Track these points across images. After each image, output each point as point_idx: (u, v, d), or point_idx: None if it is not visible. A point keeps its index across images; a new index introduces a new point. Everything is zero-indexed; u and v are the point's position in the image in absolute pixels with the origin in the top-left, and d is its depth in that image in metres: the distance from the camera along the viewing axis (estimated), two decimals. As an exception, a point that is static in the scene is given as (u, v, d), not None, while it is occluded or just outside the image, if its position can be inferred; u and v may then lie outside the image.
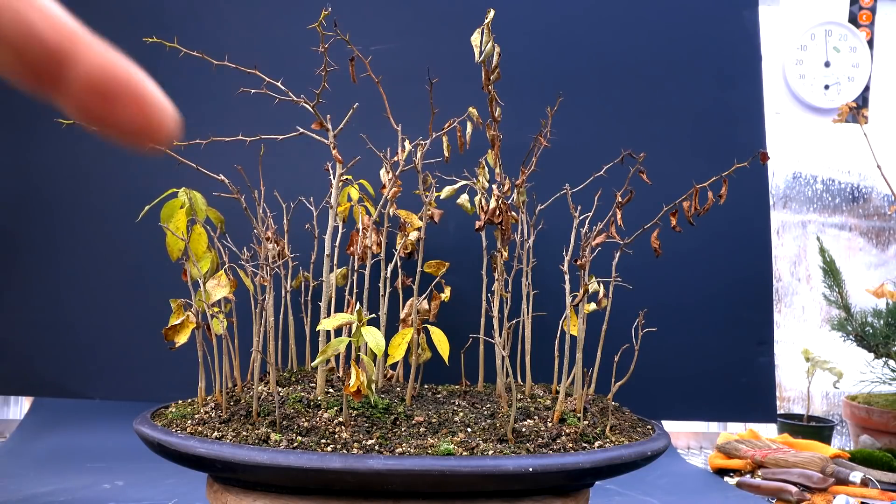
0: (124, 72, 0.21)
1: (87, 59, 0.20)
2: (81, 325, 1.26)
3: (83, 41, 0.20)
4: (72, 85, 0.20)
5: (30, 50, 0.20)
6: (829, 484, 1.15)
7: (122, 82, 0.20)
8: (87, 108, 0.20)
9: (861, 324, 1.38)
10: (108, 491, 1.02)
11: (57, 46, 0.20)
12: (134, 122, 0.21)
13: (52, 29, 0.20)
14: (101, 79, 0.20)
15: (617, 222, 0.85)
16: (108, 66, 0.20)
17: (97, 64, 0.20)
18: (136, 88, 0.21)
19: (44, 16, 0.20)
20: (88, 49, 0.20)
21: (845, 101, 1.60)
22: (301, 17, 1.04)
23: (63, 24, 0.20)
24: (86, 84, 0.20)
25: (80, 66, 0.20)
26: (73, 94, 0.20)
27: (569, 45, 1.36)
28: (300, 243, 1.06)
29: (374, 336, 0.71)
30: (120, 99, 0.20)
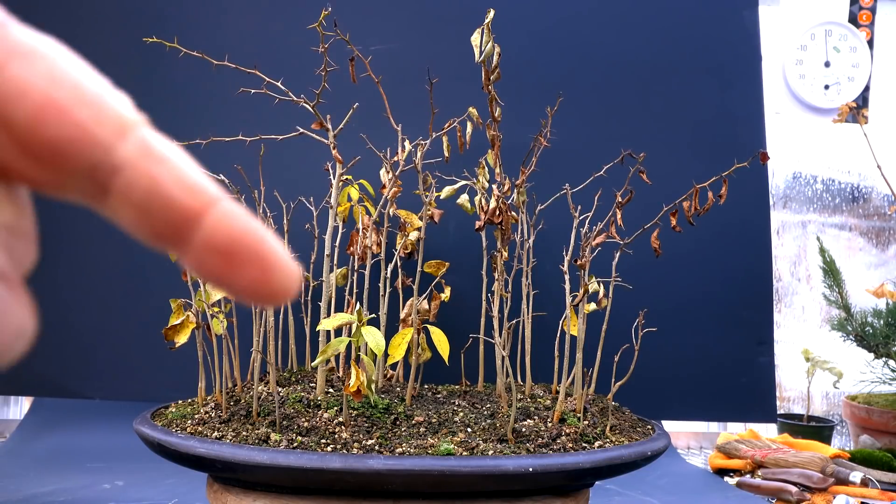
0: (251, 235, 0.19)
1: (215, 221, 0.19)
2: (81, 325, 1.26)
3: (213, 202, 0.19)
4: (196, 245, 0.19)
5: (158, 213, 0.19)
6: (829, 484, 1.15)
7: (247, 246, 0.19)
8: (209, 268, 0.19)
9: (861, 324, 1.38)
10: (108, 491, 1.02)
11: (186, 210, 0.19)
12: (255, 285, 0.19)
13: (183, 191, 0.19)
14: (227, 242, 0.19)
15: (617, 222, 0.85)
16: (236, 228, 0.19)
17: (224, 226, 0.19)
18: (262, 253, 0.19)
19: (177, 177, 0.19)
20: (219, 211, 0.19)
21: (845, 101, 1.60)
22: (301, 17, 1.04)
23: (195, 186, 0.19)
24: (209, 246, 0.19)
25: (206, 228, 0.19)
26: (196, 253, 0.19)
27: (569, 45, 1.36)
28: (300, 243, 1.06)
29: (374, 336, 0.71)
30: (243, 262, 0.19)
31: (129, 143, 0.19)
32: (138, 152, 0.19)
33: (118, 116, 0.19)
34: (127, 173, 0.19)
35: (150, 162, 0.19)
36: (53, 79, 0.18)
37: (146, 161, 0.19)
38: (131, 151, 0.19)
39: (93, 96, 0.19)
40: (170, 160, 0.19)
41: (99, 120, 0.18)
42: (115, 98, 0.19)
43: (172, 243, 0.19)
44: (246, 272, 0.19)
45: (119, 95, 0.19)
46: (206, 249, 0.19)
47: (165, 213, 0.19)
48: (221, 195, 0.19)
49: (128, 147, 0.19)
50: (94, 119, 0.18)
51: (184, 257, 0.19)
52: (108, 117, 0.19)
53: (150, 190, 0.19)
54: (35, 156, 0.18)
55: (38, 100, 0.18)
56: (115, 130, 0.19)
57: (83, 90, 0.19)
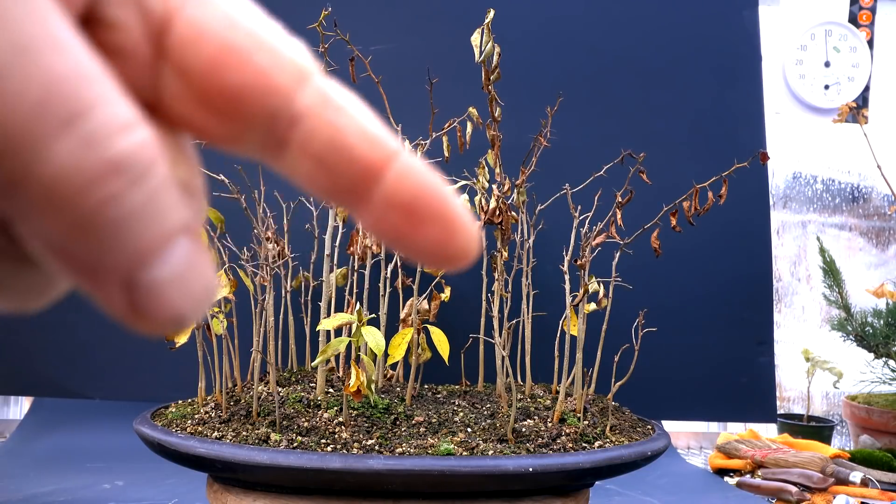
0: (435, 191, 0.18)
1: (398, 174, 0.18)
2: (81, 325, 1.26)
3: (395, 155, 0.18)
4: (377, 201, 0.18)
5: (339, 166, 0.18)
6: (829, 484, 1.15)
7: (431, 203, 0.18)
8: (388, 226, 0.18)
9: (861, 324, 1.38)
10: (108, 491, 1.02)
11: (370, 163, 0.18)
12: (436, 245, 0.18)
13: (366, 144, 0.18)
14: (409, 198, 0.18)
15: (617, 222, 0.85)
16: (419, 184, 0.18)
17: (407, 181, 0.18)
18: (446, 210, 0.18)
19: (360, 129, 0.18)
20: (400, 164, 0.18)
21: (845, 101, 1.60)
22: (301, 17, 1.04)
23: (377, 137, 0.18)
24: (391, 201, 0.18)
25: (388, 182, 0.18)
26: (375, 210, 0.18)
27: (569, 45, 1.36)
28: (300, 243, 1.06)
29: (374, 336, 0.71)
30: (425, 220, 0.18)
31: (309, 92, 0.18)
32: (318, 101, 0.18)
33: (296, 63, 0.18)
34: (307, 123, 0.18)
35: (330, 111, 0.18)
36: (231, 22, 0.17)
37: (327, 110, 0.18)
38: (311, 100, 0.18)
39: (271, 41, 0.18)
40: (349, 110, 0.18)
41: (278, 66, 0.17)
42: (291, 44, 0.18)
43: (352, 199, 0.18)
44: (428, 231, 0.18)
45: (295, 42, 0.18)
46: (387, 206, 0.18)
47: (347, 166, 0.18)
48: (402, 148, 0.18)
49: (307, 95, 0.18)
50: (274, 65, 0.17)
51: (362, 215, 0.18)
52: (287, 63, 0.18)
53: (331, 141, 0.18)
54: (213, 105, 0.17)
55: (217, 44, 0.17)
56: (295, 78, 0.18)
57: (260, 34, 0.18)
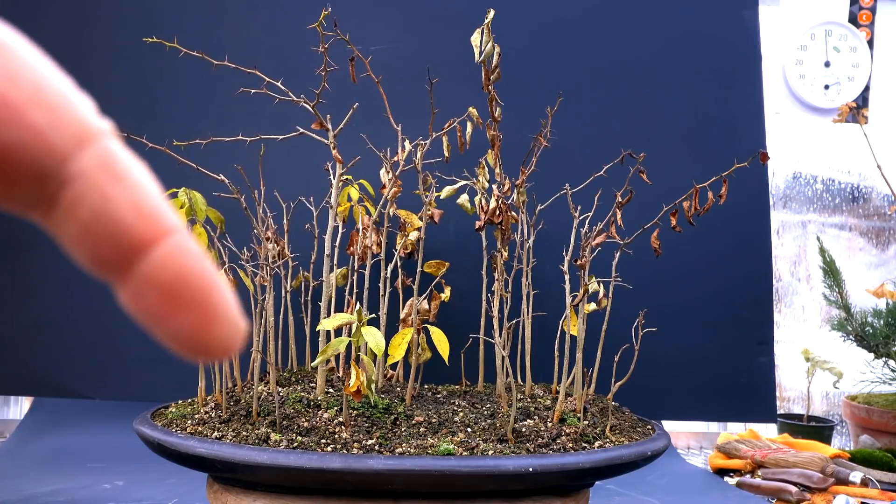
0: (201, 278, 0.17)
1: (166, 253, 0.17)
2: (81, 325, 1.26)
3: (168, 233, 0.17)
4: (138, 276, 0.17)
5: (103, 236, 0.17)
6: (829, 484, 1.15)
7: (193, 288, 0.17)
8: (144, 305, 0.17)
9: (861, 324, 1.38)
10: (108, 491, 1.02)
11: (136, 237, 0.17)
12: (192, 332, 0.17)
13: (136, 216, 0.17)
14: (172, 278, 0.17)
15: (617, 222, 0.85)
16: (185, 267, 0.17)
17: (173, 260, 0.17)
18: (208, 299, 0.17)
19: (133, 199, 0.17)
20: (170, 244, 0.17)
21: (845, 101, 1.60)
22: (301, 17, 1.04)
23: (152, 212, 0.17)
24: (152, 280, 0.17)
25: (152, 258, 0.17)
26: (134, 285, 0.17)
27: (569, 45, 1.36)
28: (300, 243, 1.06)
29: (374, 336, 0.71)
30: (185, 304, 0.17)
31: (88, 155, 0.17)
32: (96, 166, 0.17)
33: (79, 123, 0.17)
34: (78, 187, 0.17)
35: (106, 178, 0.17)
36: (10, 75, 0.16)
37: (103, 177, 0.17)
38: (88, 164, 0.17)
39: (53, 98, 0.17)
40: (130, 179, 0.17)
41: (57, 125, 0.16)
42: (78, 102, 0.17)
43: (112, 271, 0.17)
44: (185, 317, 0.17)
45: (83, 99, 0.17)
46: (147, 284, 0.17)
47: (111, 237, 0.17)
48: (179, 226, 0.17)
49: (85, 159, 0.17)
50: (52, 124, 0.16)
51: (120, 288, 0.17)
52: (67, 123, 0.17)
53: (99, 209, 0.17)
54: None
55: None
56: (74, 139, 0.17)
57: (43, 90, 0.17)
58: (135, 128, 0.81)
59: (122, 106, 1.23)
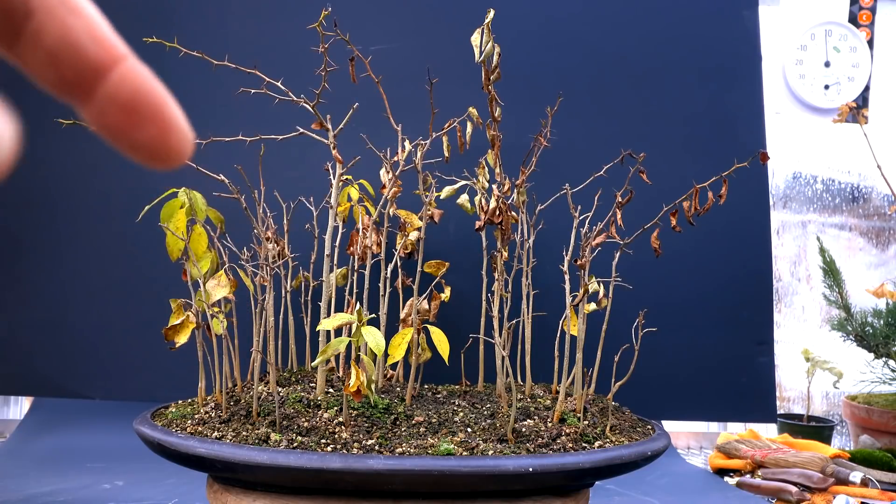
0: (155, 94, 0.20)
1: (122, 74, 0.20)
2: (81, 325, 1.26)
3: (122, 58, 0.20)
4: (100, 96, 0.20)
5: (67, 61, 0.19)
6: (829, 484, 1.15)
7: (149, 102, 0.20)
8: (109, 121, 0.20)
9: (861, 324, 1.38)
10: (108, 491, 1.02)
11: (95, 60, 0.20)
12: (152, 142, 0.20)
13: (93, 41, 0.20)
14: (130, 96, 0.20)
15: (617, 222, 0.85)
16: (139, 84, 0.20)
17: (128, 80, 0.20)
18: (162, 112, 0.20)
19: (87, 26, 0.20)
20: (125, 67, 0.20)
21: (845, 101, 1.60)
22: (301, 17, 1.04)
23: (104, 37, 0.20)
24: (113, 98, 0.20)
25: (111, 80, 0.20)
26: (97, 105, 0.20)
27: (569, 45, 1.36)
28: (300, 243, 1.06)
29: (374, 336, 0.71)
30: (143, 118, 0.20)
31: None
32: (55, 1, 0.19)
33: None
34: (40, 18, 0.19)
35: (65, 11, 0.19)
36: None
37: (62, 9, 0.19)
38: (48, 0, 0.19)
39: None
40: (85, 12, 0.20)
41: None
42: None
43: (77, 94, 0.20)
44: (145, 129, 0.20)
45: None
46: (109, 102, 0.20)
47: (75, 62, 0.19)
48: (129, 53, 0.20)
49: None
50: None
51: (85, 109, 0.20)
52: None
53: (62, 37, 0.19)
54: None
55: None
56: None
57: None
58: (135, 128, 0.81)
59: (122, 106, 1.23)
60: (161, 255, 0.87)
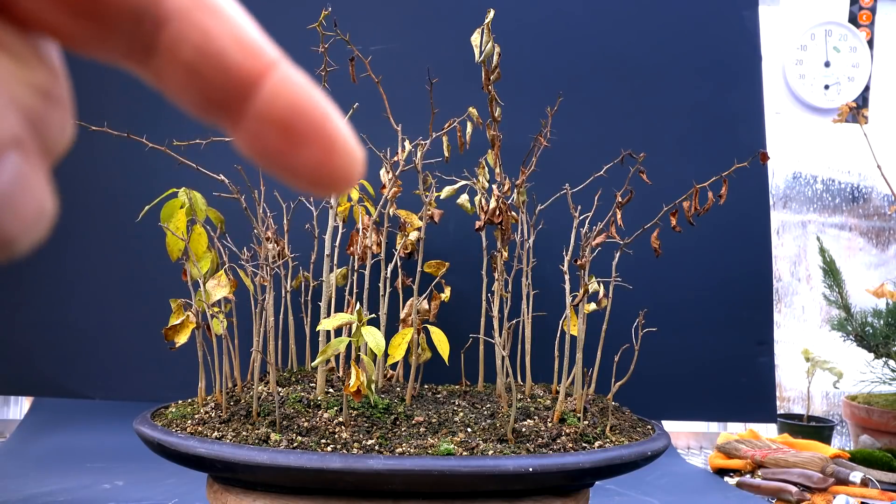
0: (316, 107, 0.17)
1: (275, 87, 0.16)
2: (81, 325, 1.26)
3: (274, 65, 0.16)
4: (251, 116, 0.16)
5: (210, 75, 0.16)
6: (829, 484, 1.15)
7: (310, 119, 0.16)
8: (264, 145, 0.16)
9: (861, 324, 1.38)
10: (108, 491, 1.02)
11: (244, 72, 0.16)
12: (315, 167, 0.17)
13: (241, 51, 0.16)
14: (285, 113, 0.16)
15: (617, 222, 0.85)
16: (298, 98, 0.16)
17: (283, 93, 0.16)
18: (326, 129, 0.17)
19: (230, 29, 0.16)
20: (279, 76, 0.16)
21: (845, 101, 1.60)
22: (301, 17, 1.04)
23: (255, 46, 0.16)
24: (268, 117, 0.16)
25: (262, 95, 0.16)
26: (250, 127, 0.16)
27: (569, 45, 1.36)
28: (300, 243, 1.06)
29: (374, 336, 0.71)
30: (304, 139, 0.16)
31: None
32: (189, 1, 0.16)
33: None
34: (176, 25, 0.16)
35: (203, 13, 0.16)
36: None
37: (199, 12, 0.16)
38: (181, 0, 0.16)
39: None
40: (225, 12, 0.16)
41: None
42: None
43: (225, 112, 0.16)
44: (306, 151, 0.17)
45: None
46: (263, 122, 0.16)
47: (219, 76, 0.16)
48: (280, 58, 0.17)
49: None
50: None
51: (236, 133, 0.17)
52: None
53: (202, 46, 0.16)
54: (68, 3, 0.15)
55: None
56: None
57: None
58: (135, 128, 0.81)
59: (122, 106, 1.23)
60: (161, 256, 0.87)
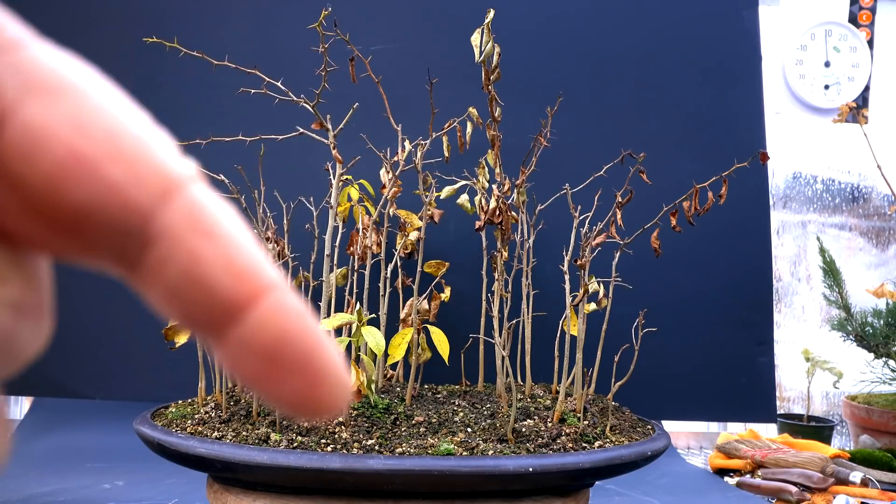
0: (305, 338, 0.16)
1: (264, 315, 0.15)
2: (82, 325, 1.26)
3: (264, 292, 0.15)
4: (236, 340, 0.15)
5: (193, 299, 0.15)
6: (829, 484, 1.15)
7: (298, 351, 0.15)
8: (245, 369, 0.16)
9: (861, 324, 1.38)
10: (108, 491, 1.02)
11: (232, 299, 0.15)
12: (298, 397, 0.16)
13: (228, 274, 0.15)
14: (271, 342, 0.15)
15: (617, 222, 0.85)
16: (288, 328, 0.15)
17: (274, 324, 0.15)
18: (314, 361, 0.16)
19: (223, 254, 0.15)
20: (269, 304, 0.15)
21: (845, 101, 1.60)
22: (301, 17, 1.04)
23: (246, 270, 0.15)
24: (250, 344, 0.15)
25: (252, 322, 0.15)
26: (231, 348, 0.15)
27: (569, 45, 1.36)
28: (300, 243, 1.06)
29: (374, 336, 0.71)
30: (289, 371, 0.15)
31: (174, 209, 0.15)
32: (183, 221, 0.15)
33: (162, 172, 0.15)
34: (164, 246, 0.15)
35: (195, 235, 0.15)
36: (81, 124, 0.14)
37: (191, 233, 0.15)
38: (174, 219, 0.15)
39: (131, 146, 0.15)
40: (221, 233, 0.15)
41: (137, 178, 0.15)
42: (158, 145, 0.15)
43: (205, 333, 0.16)
44: (289, 382, 0.16)
45: (164, 139, 0.15)
46: (248, 347, 0.15)
47: (203, 301, 0.15)
48: (277, 282, 0.15)
49: (171, 213, 0.15)
50: (131, 178, 0.14)
51: (219, 349, 0.16)
52: (148, 174, 0.15)
53: (188, 271, 0.15)
54: (53, 223, 0.14)
55: (60, 154, 0.14)
56: (157, 192, 0.15)
57: (119, 138, 0.15)
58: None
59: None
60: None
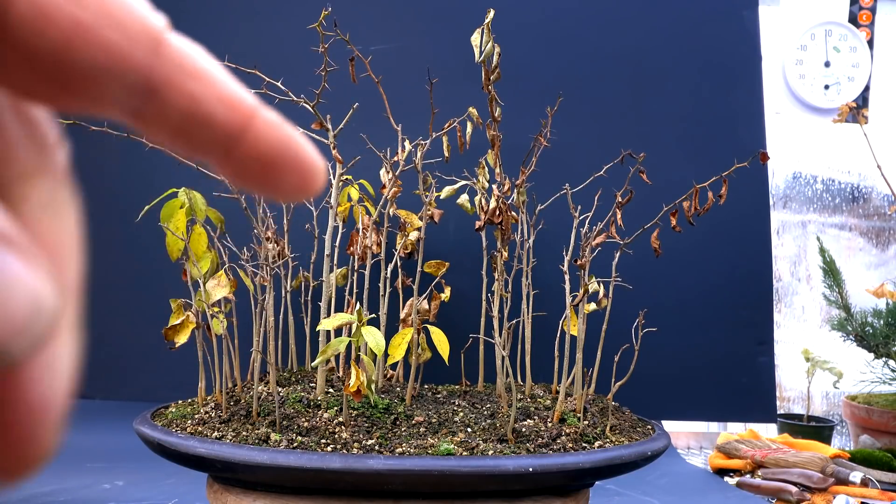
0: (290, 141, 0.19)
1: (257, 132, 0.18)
2: (82, 325, 1.26)
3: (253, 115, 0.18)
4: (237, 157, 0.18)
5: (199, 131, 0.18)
6: (829, 484, 1.15)
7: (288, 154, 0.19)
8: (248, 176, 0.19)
9: (861, 324, 1.38)
10: (108, 491, 1.02)
11: (229, 126, 0.18)
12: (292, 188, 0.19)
13: (222, 105, 0.18)
14: (268, 152, 0.19)
15: (617, 222, 0.85)
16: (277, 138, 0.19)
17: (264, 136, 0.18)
18: (301, 156, 0.19)
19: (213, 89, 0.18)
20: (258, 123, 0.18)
21: (845, 101, 1.60)
22: (301, 17, 1.04)
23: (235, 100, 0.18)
24: (253, 158, 0.18)
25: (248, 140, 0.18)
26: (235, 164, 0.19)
27: (569, 45, 1.36)
28: (300, 243, 1.06)
29: (374, 336, 0.71)
30: (285, 169, 0.19)
31: (164, 60, 0.17)
32: (173, 69, 0.17)
33: (149, 29, 0.17)
34: (163, 95, 0.17)
35: (187, 78, 0.17)
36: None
37: (182, 79, 0.17)
38: (168, 69, 0.17)
39: (119, 9, 0.16)
40: (205, 73, 0.18)
41: (131, 38, 0.16)
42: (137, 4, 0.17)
43: (212, 157, 0.19)
44: (287, 177, 0.19)
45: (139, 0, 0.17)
46: (249, 160, 0.18)
47: (206, 132, 0.18)
48: (258, 104, 0.19)
49: (164, 64, 0.17)
50: (126, 38, 0.16)
51: (221, 168, 0.19)
52: (139, 33, 0.16)
53: (190, 109, 0.17)
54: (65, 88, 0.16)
55: (65, 24, 0.16)
56: (149, 47, 0.17)
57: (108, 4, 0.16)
58: (135, 128, 0.81)
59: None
60: (161, 255, 0.87)
